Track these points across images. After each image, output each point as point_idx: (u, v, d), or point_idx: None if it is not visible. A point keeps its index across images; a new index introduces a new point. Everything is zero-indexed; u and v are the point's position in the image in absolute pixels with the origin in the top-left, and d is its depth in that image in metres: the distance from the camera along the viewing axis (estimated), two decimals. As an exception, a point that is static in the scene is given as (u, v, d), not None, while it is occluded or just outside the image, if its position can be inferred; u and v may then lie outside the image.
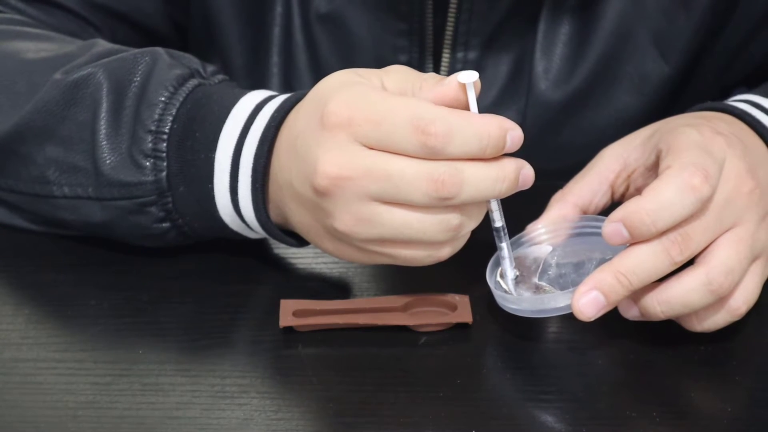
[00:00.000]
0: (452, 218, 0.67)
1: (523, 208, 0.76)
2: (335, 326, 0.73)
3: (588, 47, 0.92)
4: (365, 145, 0.66)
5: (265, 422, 0.66)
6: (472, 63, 0.92)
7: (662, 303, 0.69)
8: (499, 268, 0.73)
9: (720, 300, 0.69)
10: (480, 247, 0.76)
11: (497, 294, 0.72)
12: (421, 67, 0.92)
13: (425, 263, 0.70)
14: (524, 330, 0.74)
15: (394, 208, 0.66)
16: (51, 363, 0.71)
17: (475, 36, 0.91)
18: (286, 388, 0.69)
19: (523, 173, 0.68)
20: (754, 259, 0.70)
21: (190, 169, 0.75)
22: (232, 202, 0.74)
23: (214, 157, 0.74)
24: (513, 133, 0.67)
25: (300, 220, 0.72)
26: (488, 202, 0.70)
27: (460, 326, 0.74)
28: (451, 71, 0.92)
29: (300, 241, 0.76)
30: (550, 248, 0.75)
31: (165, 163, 0.75)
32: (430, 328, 0.73)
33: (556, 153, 0.95)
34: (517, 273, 0.73)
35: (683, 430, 0.67)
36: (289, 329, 0.73)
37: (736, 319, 0.70)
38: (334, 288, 0.78)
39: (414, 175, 0.65)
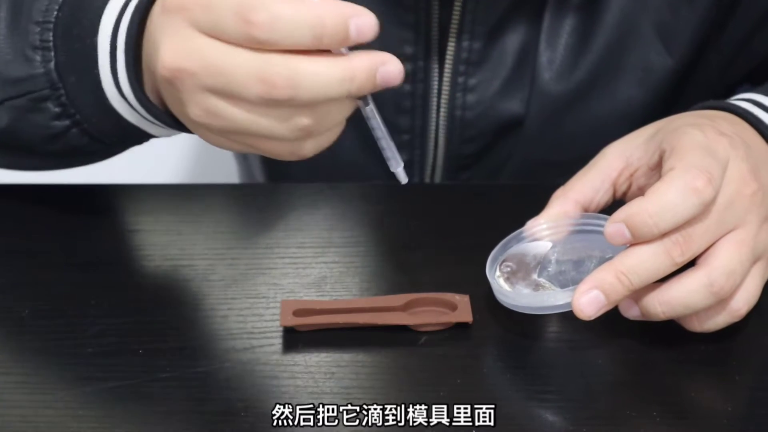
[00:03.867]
0: (299, 119, 0.63)
1: (523, 207, 0.77)
2: (335, 326, 0.73)
3: (592, 39, 0.92)
4: (200, 31, 0.63)
5: (265, 421, 0.66)
6: (477, 52, 0.92)
7: (663, 303, 0.69)
8: (499, 264, 0.73)
9: (721, 301, 0.69)
10: (480, 247, 0.76)
11: (496, 290, 0.72)
12: (426, 58, 0.93)
13: (292, 159, 0.66)
14: (524, 330, 0.74)
15: (234, 105, 0.63)
16: (51, 363, 0.71)
17: (481, 25, 0.91)
18: (286, 388, 0.69)
19: (383, 70, 0.62)
20: (755, 261, 0.70)
21: (78, 57, 0.74)
22: (115, 85, 0.73)
23: (96, 41, 0.73)
24: (358, 21, 0.61)
25: (171, 105, 0.70)
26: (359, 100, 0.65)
27: (460, 326, 0.74)
28: (456, 61, 0.92)
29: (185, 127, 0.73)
30: (550, 245, 0.75)
31: (52, 53, 0.75)
32: (430, 328, 0.73)
33: (558, 144, 0.95)
34: (403, 163, 0.69)
35: (683, 430, 0.67)
36: (290, 329, 0.73)
37: (737, 320, 0.70)
38: (334, 288, 0.78)
39: (245, 74, 0.62)
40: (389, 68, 0.63)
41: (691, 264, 0.69)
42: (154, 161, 1.63)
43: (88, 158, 0.82)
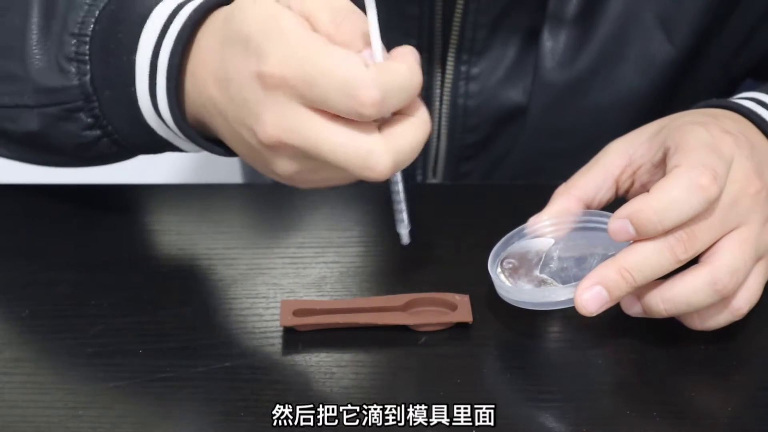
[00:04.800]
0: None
1: (523, 207, 0.77)
2: (335, 326, 0.73)
3: (595, 28, 0.92)
4: (303, 104, 0.65)
5: (265, 421, 0.66)
6: (480, 42, 0.92)
7: (666, 301, 0.69)
8: (501, 260, 0.73)
9: (723, 300, 0.69)
10: (480, 246, 0.76)
11: (498, 285, 0.72)
12: (429, 49, 0.93)
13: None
14: (524, 329, 0.74)
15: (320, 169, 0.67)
16: (51, 363, 0.71)
17: (484, 15, 0.91)
18: (286, 388, 0.69)
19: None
20: (757, 260, 0.70)
21: (114, 72, 0.74)
22: (152, 104, 0.73)
23: (135, 59, 0.73)
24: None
25: (227, 136, 0.71)
26: None
27: (460, 326, 0.74)
28: (458, 51, 0.92)
29: (228, 151, 0.74)
30: (552, 241, 0.75)
31: (88, 67, 0.75)
32: (430, 327, 0.73)
33: (560, 133, 0.95)
34: (410, 227, 0.72)
35: (683, 430, 0.67)
36: (290, 329, 0.73)
37: (738, 318, 0.70)
38: (334, 288, 0.78)
39: (345, 157, 0.64)
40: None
41: (693, 262, 0.69)
42: (154, 161, 1.63)
43: (114, 161, 0.82)
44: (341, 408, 0.67)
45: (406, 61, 0.66)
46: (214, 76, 0.69)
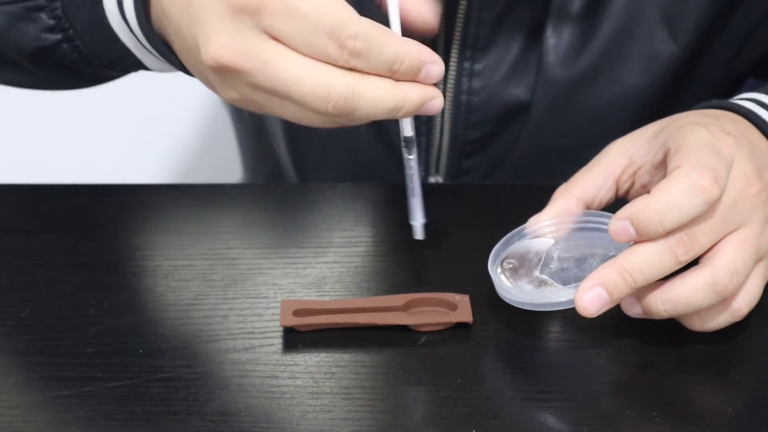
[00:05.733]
0: (339, 121, 0.65)
1: (523, 207, 0.77)
2: (335, 326, 0.73)
3: (598, 25, 0.92)
4: (270, 36, 0.63)
5: (264, 421, 0.66)
6: (483, 38, 0.92)
7: (666, 302, 0.69)
8: (501, 260, 0.73)
9: (723, 301, 0.69)
10: (480, 246, 0.76)
11: (498, 286, 0.72)
12: (432, 46, 0.92)
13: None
14: (524, 330, 0.74)
15: (280, 101, 0.64)
16: (51, 363, 0.71)
17: (488, 11, 0.91)
18: (286, 388, 0.69)
19: (429, 104, 0.66)
20: (757, 261, 0.70)
21: None
22: (118, 7, 0.71)
23: None
24: (431, 68, 0.65)
25: (184, 57, 0.69)
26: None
27: (460, 326, 0.74)
28: (462, 47, 0.92)
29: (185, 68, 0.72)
30: (552, 242, 0.75)
31: None
32: (430, 327, 0.73)
33: (563, 130, 0.95)
34: (425, 221, 0.72)
35: (683, 430, 0.67)
36: (290, 329, 0.73)
37: (738, 319, 0.70)
38: (334, 288, 0.78)
39: (309, 89, 0.63)
40: (435, 104, 0.66)
41: (693, 263, 0.69)
42: (154, 161, 1.63)
43: (74, 81, 0.79)
44: (341, 408, 0.67)
45: (398, 35, 0.64)
46: None
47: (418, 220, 0.72)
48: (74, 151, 1.71)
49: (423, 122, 0.95)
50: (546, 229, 0.75)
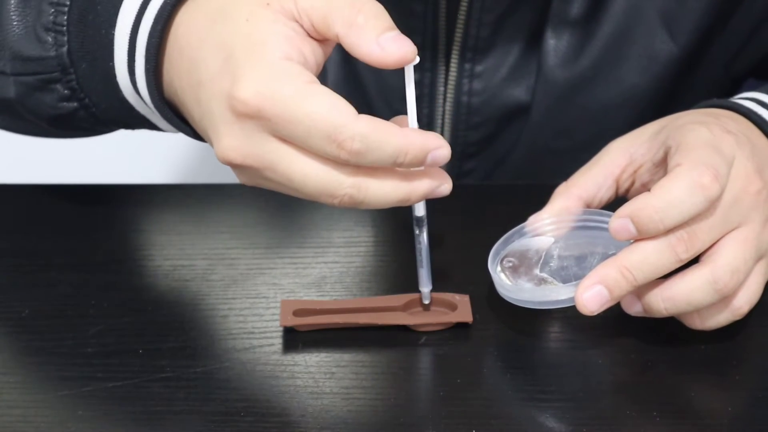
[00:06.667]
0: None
1: (523, 206, 0.77)
2: (335, 326, 0.73)
3: (598, 26, 0.92)
4: (275, 137, 0.64)
5: (265, 421, 0.66)
6: (484, 40, 0.92)
7: (666, 300, 0.69)
8: (501, 258, 0.73)
9: (723, 299, 0.69)
10: (480, 246, 0.76)
11: (498, 284, 0.72)
12: (433, 47, 0.93)
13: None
14: (524, 330, 0.74)
15: (287, 188, 0.66)
16: (51, 363, 0.71)
17: (489, 13, 0.91)
18: (286, 388, 0.69)
19: (436, 191, 0.67)
20: (758, 259, 0.70)
21: (92, 46, 0.73)
22: (131, 82, 0.72)
23: (113, 35, 0.71)
24: (436, 153, 0.64)
25: (195, 125, 0.70)
26: None
27: (460, 326, 0.74)
28: (463, 48, 0.92)
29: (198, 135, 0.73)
30: (552, 240, 0.75)
31: (65, 38, 0.74)
32: (430, 327, 0.73)
33: (563, 131, 0.95)
34: (430, 287, 0.74)
35: (683, 430, 0.67)
36: (290, 329, 0.73)
37: (738, 318, 0.70)
38: (334, 288, 0.78)
39: (314, 187, 0.64)
40: (443, 189, 0.67)
41: (694, 261, 0.69)
42: (154, 161, 1.63)
43: (93, 134, 0.81)
44: (341, 408, 0.67)
45: (398, 128, 0.64)
46: (187, 69, 0.67)
47: (426, 287, 0.74)
48: (74, 151, 1.71)
49: (424, 122, 0.95)
50: (546, 227, 0.75)
